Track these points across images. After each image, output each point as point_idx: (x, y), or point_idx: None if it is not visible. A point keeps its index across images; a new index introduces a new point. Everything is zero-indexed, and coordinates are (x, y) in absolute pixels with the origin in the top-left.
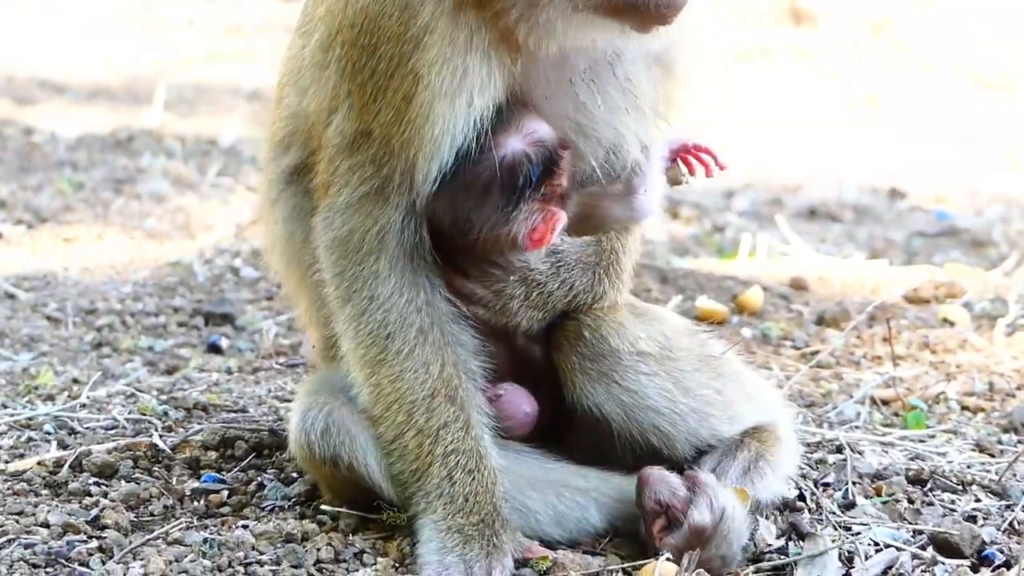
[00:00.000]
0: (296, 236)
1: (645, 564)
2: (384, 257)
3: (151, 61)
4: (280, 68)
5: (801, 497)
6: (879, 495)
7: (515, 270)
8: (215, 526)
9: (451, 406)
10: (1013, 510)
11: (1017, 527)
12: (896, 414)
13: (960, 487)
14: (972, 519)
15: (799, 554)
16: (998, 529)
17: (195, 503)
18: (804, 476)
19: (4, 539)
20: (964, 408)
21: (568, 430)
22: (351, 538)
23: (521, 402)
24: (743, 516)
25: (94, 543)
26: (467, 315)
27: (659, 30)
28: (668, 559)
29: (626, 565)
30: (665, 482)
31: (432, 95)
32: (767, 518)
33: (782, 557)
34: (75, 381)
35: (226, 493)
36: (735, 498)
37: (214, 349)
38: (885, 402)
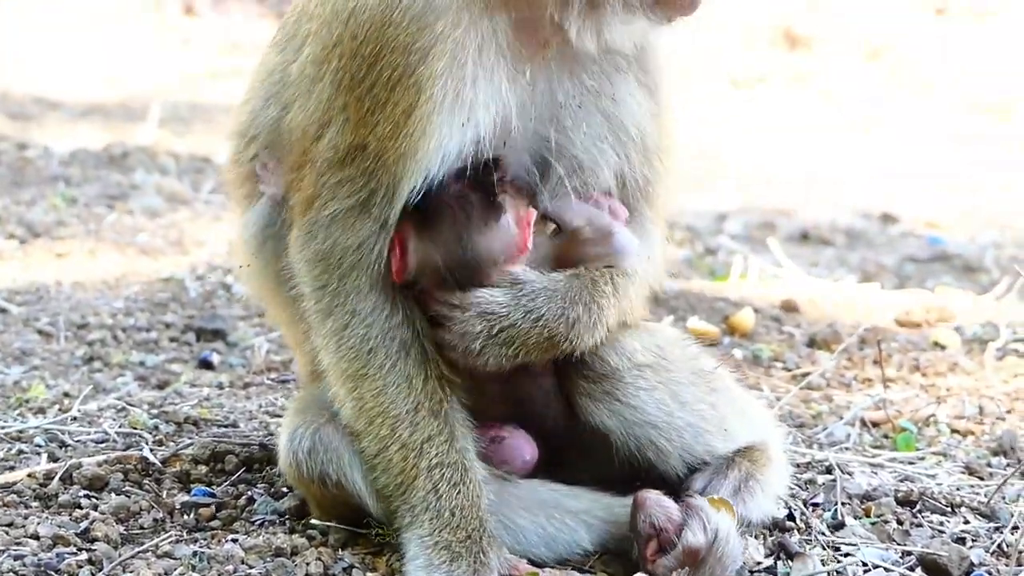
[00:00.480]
0: (267, 246)
1: None
2: (366, 272)
3: (147, 78)
4: (249, 83)
5: (791, 517)
6: (868, 516)
7: (467, 306)
8: (205, 540)
9: (435, 419)
10: (1002, 532)
11: (1005, 549)
12: (886, 436)
13: (949, 509)
14: (961, 541)
15: (788, 574)
16: (987, 551)
17: (185, 517)
18: (794, 496)
19: None
20: (954, 431)
21: (569, 447)
22: (340, 553)
23: (522, 448)
24: (737, 539)
25: (84, 555)
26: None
27: (680, 21)
28: None
29: None
30: (661, 506)
31: (433, 107)
32: (756, 537)
33: None
34: (66, 395)
35: (216, 507)
36: (729, 521)
37: (205, 365)
38: (875, 424)
